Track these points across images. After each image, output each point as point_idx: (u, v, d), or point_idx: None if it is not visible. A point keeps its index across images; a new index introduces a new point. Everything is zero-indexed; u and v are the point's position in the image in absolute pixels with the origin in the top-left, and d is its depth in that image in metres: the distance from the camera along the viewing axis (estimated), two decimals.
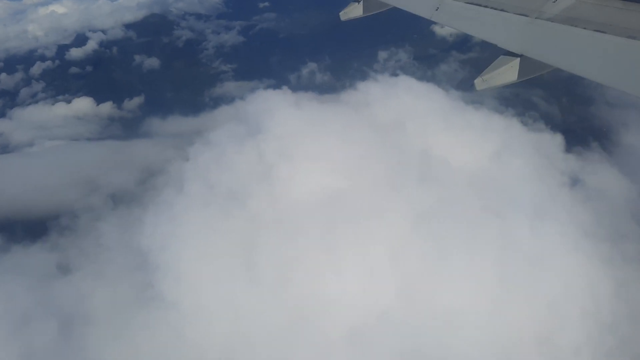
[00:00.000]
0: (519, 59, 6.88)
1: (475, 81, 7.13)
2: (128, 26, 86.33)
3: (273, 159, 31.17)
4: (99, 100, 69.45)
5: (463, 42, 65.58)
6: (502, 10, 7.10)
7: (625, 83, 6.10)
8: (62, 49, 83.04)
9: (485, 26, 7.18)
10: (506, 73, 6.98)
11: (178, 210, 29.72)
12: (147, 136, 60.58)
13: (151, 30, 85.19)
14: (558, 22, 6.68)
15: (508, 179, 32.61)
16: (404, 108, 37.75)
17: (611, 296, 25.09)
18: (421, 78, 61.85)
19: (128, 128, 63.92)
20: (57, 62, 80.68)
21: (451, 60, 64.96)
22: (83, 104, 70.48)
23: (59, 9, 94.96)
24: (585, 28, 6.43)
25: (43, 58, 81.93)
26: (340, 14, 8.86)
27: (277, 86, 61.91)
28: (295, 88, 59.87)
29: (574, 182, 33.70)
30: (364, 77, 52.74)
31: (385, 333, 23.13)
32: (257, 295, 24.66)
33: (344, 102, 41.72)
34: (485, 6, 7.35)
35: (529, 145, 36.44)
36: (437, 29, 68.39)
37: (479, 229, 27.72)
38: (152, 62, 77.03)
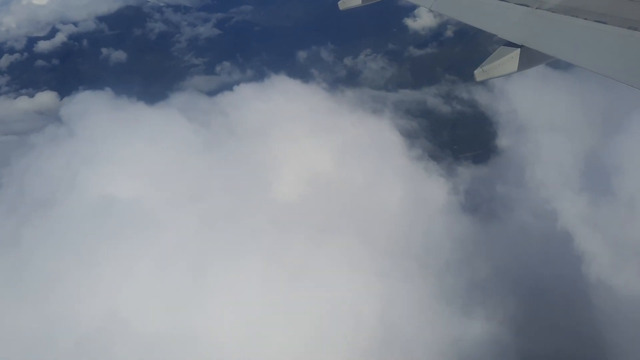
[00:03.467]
0: (519, 49, 6.82)
1: (475, 72, 7.05)
2: (101, 18, 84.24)
3: (79, 165, 30.64)
4: (63, 94, 67.72)
5: (434, 37, 65.86)
6: (502, 0, 7.06)
7: (626, 75, 6.09)
8: (32, 41, 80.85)
9: (486, 16, 7.12)
10: (506, 64, 6.91)
11: None
12: None
13: (123, 23, 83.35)
14: (559, 13, 6.66)
15: (329, 189, 31.77)
16: (261, 112, 37.68)
17: (375, 319, 24.58)
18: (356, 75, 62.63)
19: None
20: (25, 54, 78.60)
21: (401, 58, 64.76)
22: (46, 98, 68.78)
23: (39, 0, 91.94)
24: (586, 19, 6.42)
25: (11, 51, 79.69)
26: (339, 3, 8.69)
27: (245, 80, 61.59)
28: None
29: (405, 193, 33.02)
30: (261, 77, 52.34)
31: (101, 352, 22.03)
32: (15, 313, 23.64)
33: (207, 104, 41.65)
34: None
35: (381, 152, 36.12)
36: (410, 23, 68.47)
37: (255, 245, 26.59)
38: (119, 56, 75.51)
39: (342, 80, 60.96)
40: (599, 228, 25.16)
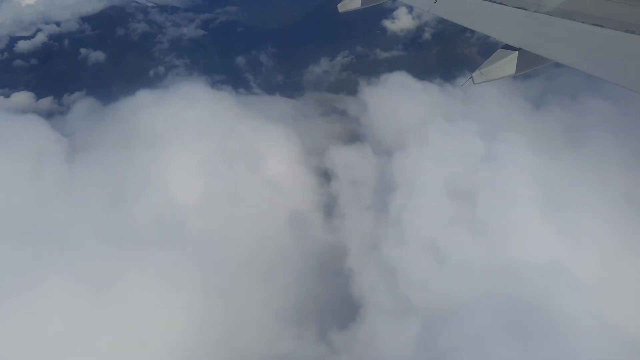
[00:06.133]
0: (517, 52, 6.87)
1: (474, 74, 7.08)
2: (84, 18, 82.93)
3: None
4: (40, 94, 66.81)
5: (414, 39, 65.82)
6: (500, 3, 7.09)
7: (623, 78, 6.15)
8: (14, 41, 79.55)
9: (484, 19, 7.15)
10: (504, 66, 6.96)
11: None
12: None
13: (106, 23, 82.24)
14: (557, 16, 6.70)
15: (186, 199, 30.20)
16: (156, 119, 36.33)
17: (185, 341, 23.66)
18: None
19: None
20: (5, 54, 77.34)
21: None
22: (22, 99, 67.38)
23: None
24: (583, 22, 6.47)
25: None
26: (338, 5, 8.67)
27: (225, 82, 61.10)
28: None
29: (267, 205, 31.64)
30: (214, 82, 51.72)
31: None
32: None
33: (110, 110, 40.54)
34: None
35: (263, 161, 34.30)
36: (388, 25, 68.36)
37: (63, 261, 25.25)
38: (98, 56, 74.44)
39: (306, 83, 60.68)
40: (368, 247, 25.47)
